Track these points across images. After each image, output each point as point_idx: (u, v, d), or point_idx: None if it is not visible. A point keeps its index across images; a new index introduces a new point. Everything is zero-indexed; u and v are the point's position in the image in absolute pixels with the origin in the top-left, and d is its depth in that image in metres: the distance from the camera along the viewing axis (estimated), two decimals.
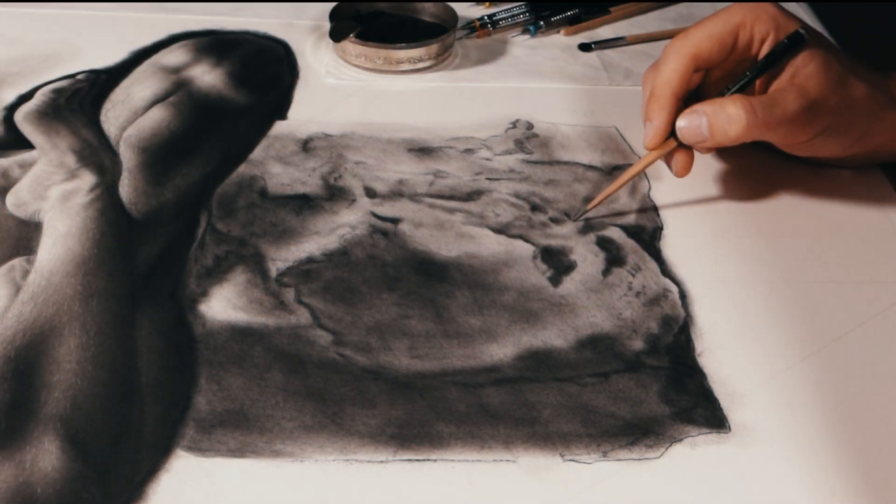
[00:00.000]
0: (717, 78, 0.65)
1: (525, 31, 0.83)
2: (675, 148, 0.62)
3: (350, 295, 0.57)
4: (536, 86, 0.77)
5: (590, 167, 0.68)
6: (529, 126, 0.72)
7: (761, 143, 0.65)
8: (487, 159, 0.68)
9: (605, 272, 0.60)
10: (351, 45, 0.76)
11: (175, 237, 0.60)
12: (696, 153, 0.64)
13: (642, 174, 0.67)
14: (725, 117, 0.60)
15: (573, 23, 0.84)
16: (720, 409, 0.52)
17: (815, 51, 0.61)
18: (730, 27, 0.62)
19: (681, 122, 0.61)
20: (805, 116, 0.60)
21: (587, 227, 0.63)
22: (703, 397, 0.52)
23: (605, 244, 0.62)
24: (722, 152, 0.70)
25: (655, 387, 0.53)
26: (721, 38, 0.62)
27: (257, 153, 0.67)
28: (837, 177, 0.68)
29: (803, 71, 0.61)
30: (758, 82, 0.63)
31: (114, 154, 0.66)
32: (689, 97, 0.64)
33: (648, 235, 0.63)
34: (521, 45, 0.82)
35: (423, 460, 0.49)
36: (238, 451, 0.49)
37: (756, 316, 0.57)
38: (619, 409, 0.52)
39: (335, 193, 0.64)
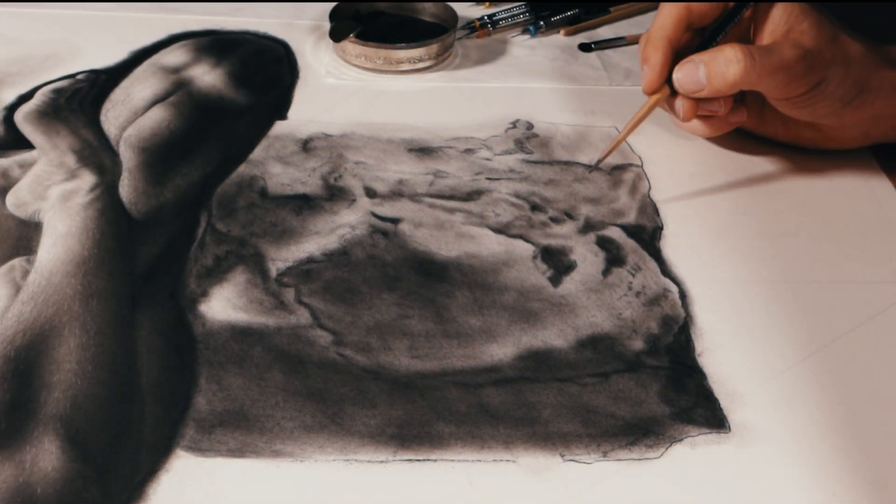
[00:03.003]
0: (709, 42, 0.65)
1: (525, 31, 0.83)
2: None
3: (350, 295, 0.57)
4: (536, 86, 0.77)
5: (590, 167, 0.68)
6: (529, 126, 0.72)
7: (763, 138, 0.65)
8: (487, 159, 0.68)
9: (605, 272, 0.60)
10: (351, 45, 0.76)
11: (175, 237, 0.60)
12: (700, 116, 0.64)
13: (643, 174, 0.67)
14: (723, 61, 0.60)
15: (573, 23, 0.84)
16: (720, 409, 0.52)
17: (808, 10, 0.62)
18: None
19: (677, 74, 0.62)
20: (801, 65, 0.61)
21: (587, 227, 0.63)
22: (703, 397, 0.52)
23: (605, 244, 0.62)
24: (722, 151, 0.70)
25: (655, 387, 0.53)
26: None
27: (257, 153, 0.68)
28: (838, 176, 0.68)
29: (798, 27, 0.62)
30: (754, 40, 0.64)
31: (114, 154, 0.66)
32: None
33: (648, 235, 0.63)
34: (521, 45, 0.82)
35: (423, 460, 0.49)
36: (238, 451, 0.49)
37: (756, 316, 0.57)
38: (619, 409, 0.52)
39: (335, 193, 0.64)
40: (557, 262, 0.60)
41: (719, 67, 0.60)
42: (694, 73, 0.61)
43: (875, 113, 0.65)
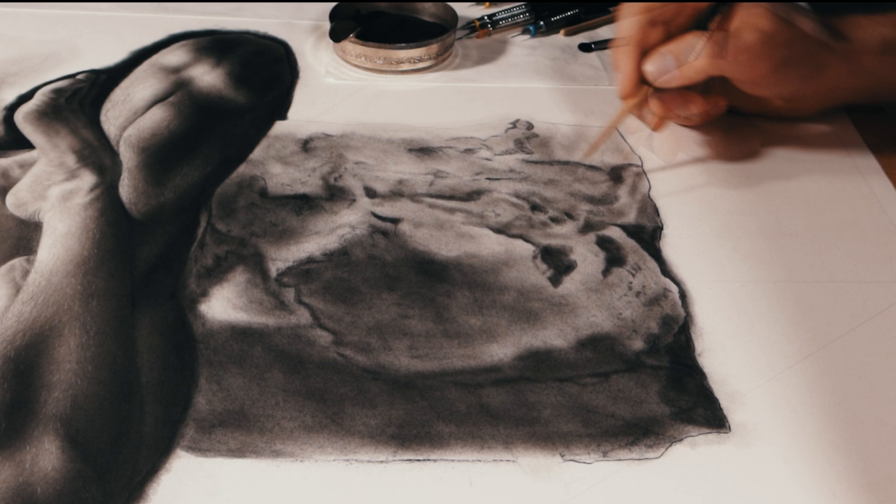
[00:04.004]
0: (674, 35, 0.67)
1: (525, 31, 0.83)
2: (648, 95, 0.66)
3: (350, 295, 0.57)
4: (536, 86, 0.77)
5: (590, 167, 0.68)
6: (529, 126, 0.72)
7: (744, 111, 0.69)
8: (487, 159, 0.68)
9: (605, 272, 0.60)
10: (351, 45, 0.76)
11: (175, 237, 0.60)
12: (680, 124, 0.68)
13: (643, 174, 0.67)
14: (689, 48, 0.64)
15: (573, 23, 0.84)
16: (720, 409, 0.52)
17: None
18: None
19: (648, 66, 0.65)
20: (761, 47, 0.64)
21: (587, 227, 0.63)
22: (703, 397, 0.52)
23: (605, 244, 0.62)
24: (723, 149, 0.70)
25: (655, 387, 0.53)
26: None
27: (257, 153, 0.68)
28: (838, 177, 0.68)
29: (752, 12, 0.65)
30: (713, 29, 0.66)
31: (114, 154, 0.66)
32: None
33: (648, 235, 0.63)
34: (521, 45, 0.82)
35: (423, 460, 0.49)
36: (238, 451, 0.49)
37: (756, 316, 0.57)
38: (619, 409, 0.52)
39: (335, 193, 0.64)
40: (557, 262, 0.60)
41: (686, 55, 0.64)
42: (662, 63, 0.64)
43: (832, 84, 0.68)
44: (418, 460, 0.49)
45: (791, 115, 0.71)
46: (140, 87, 0.72)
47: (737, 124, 0.71)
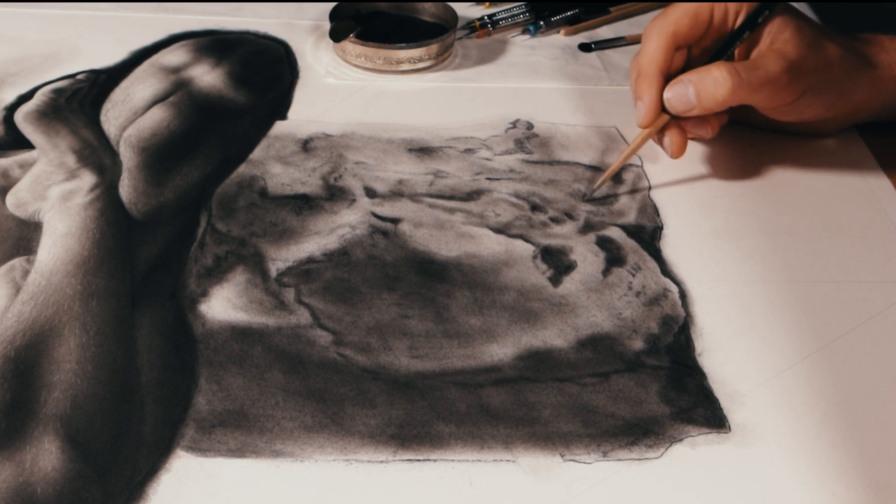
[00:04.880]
0: (697, 56, 0.67)
1: (525, 31, 0.83)
2: (667, 123, 0.65)
3: (350, 295, 0.57)
4: (536, 86, 0.77)
5: (590, 167, 0.68)
6: (529, 126, 0.72)
7: (762, 127, 0.68)
8: (487, 159, 0.68)
9: (605, 272, 0.60)
10: (351, 45, 0.76)
11: (175, 237, 0.60)
12: (689, 139, 0.66)
13: (643, 175, 0.67)
14: (711, 81, 0.62)
15: (573, 23, 0.84)
16: (720, 409, 0.52)
17: (788, 18, 0.64)
18: (705, 2, 0.65)
19: (668, 94, 0.64)
20: (786, 77, 0.63)
21: (587, 227, 0.63)
22: (703, 397, 0.52)
23: (605, 244, 0.62)
24: (723, 149, 0.70)
25: (655, 387, 0.53)
26: (697, 12, 0.65)
27: (257, 153, 0.68)
28: (838, 177, 0.68)
29: (780, 37, 0.64)
30: (738, 53, 0.66)
31: (114, 154, 0.66)
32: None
33: (648, 235, 0.63)
34: (521, 45, 0.82)
35: (423, 460, 0.49)
36: (238, 451, 0.49)
37: (756, 316, 0.57)
38: (619, 409, 0.52)
39: (335, 193, 0.64)
40: (557, 262, 0.60)
41: (708, 87, 0.62)
42: (684, 94, 0.63)
43: (854, 108, 0.67)
44: (418, 460, 0.49)
45: (810, 134, 0.70)
46: (140, 87, 0.72)
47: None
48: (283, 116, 0.71)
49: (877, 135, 0.71)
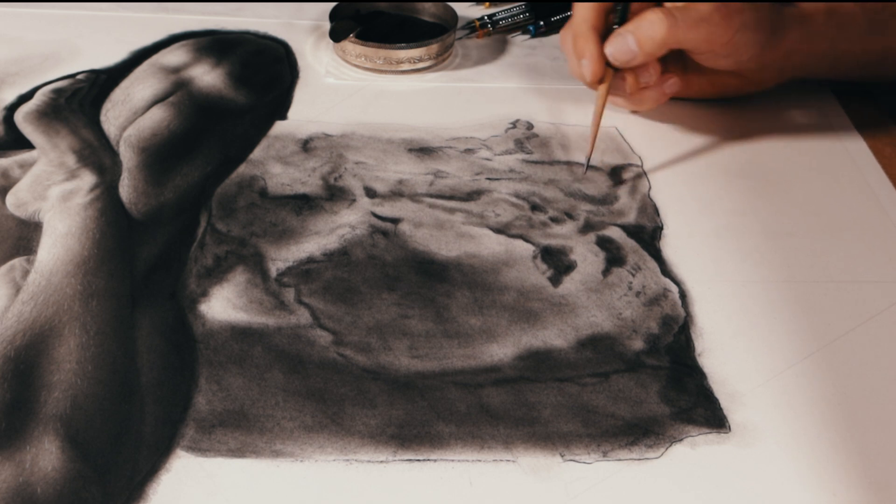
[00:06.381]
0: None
1: (525, 31, 0.83)
2: (615, 75, 0.67)
3: (350, 295, 0.57)
4: (536, 86, 0.77)
5: (590, 167, 0.68)
6: (529, 126, 0.72)
7: (706, 98, 0.72)
8: (487, 159, 0.68)
9: (605, 272, 0.60)
10: (351, 45, 0.76)
11: (175, 237, 0.60)
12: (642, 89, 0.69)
13: (643, 174, 0.67)
14: (647, 24, 0.65)
15: None
16: (720, 409, 0.52)
17: None
18: None
19: (609, 49, 0.66)
20: (717, 15, 0.65)
21: (587, 227, 0.63)
22: (703, 397, 0.52)
23: (605, 244, 0.62)
24: (722, 151, 0.70)
25: (655, 387, 0.53)
26: None
27: (257, 153, 0.68)
28: (839, 177, 0.68)
29: None
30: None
31: (114, 154, 0.66)
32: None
33: (648, 235, 0.63)
34: (521, 45, 0.82)
35: (423, 460, 0.49)
36: (238, 451, 0.49)
37: (756, 316, 0.57)
38: (619, 409, 0.52)
39: (335, 193, 0.64)
40: (557, 262, 0.60)
41: (645, 31, 0.65)
42: (624, 44, 0.66)
43: (787, 49, 0.70)
44: (418, 460, 0.49)
45: (751, 90, 0.73)
46: (140, 87, 0.73)
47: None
48: (283, 116, 0.71)
49: (877, 135, 0.71)
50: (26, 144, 0.67)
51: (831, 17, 0.70)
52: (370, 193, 0.65)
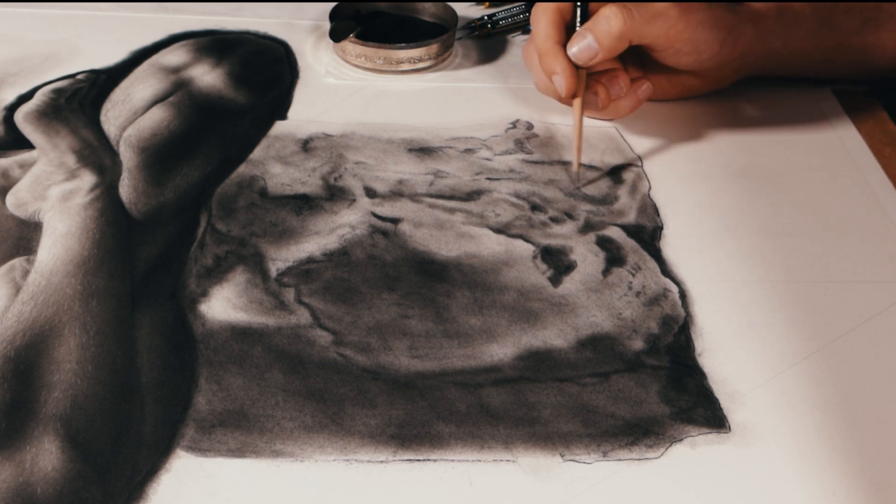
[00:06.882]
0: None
1: (525, 31, 0.83)
2: (587, 82, 0.68)
3: (350, 295, 0.57)
4: None
5: (590, 167, 0.68)
6: (529, 126, 0.72)
7: (671, 98, 0.72)
8: (487, 159, 0.68)
9: (605, 272, 0.60)
10: (351, 45, 0.76)
11: (175, 237, 0.60)
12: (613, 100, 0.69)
13: (643, 174, 0.67)
14: (604, 20, 0.66)
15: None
16: (720, 409, 0.52)
17: None
18: None
19: (572, 51, 0.67)
20: (674, 10, 0.67)
21: (587, 227, 0.63)
22: (703, 397, 0.52)
23: (605, 244, 0.62)
24: (721, 151, 0.70)
25: (655, 387, 0.53)
26: None
27: (257, 153, 0.68)
28: (838, 177, 0.68)
29: None
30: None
31: (114, 154, 0.66)
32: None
33: (648, 235, 0.63)
34: (521, 46, 0.82)
35: (423, 460, 0.49)
36: (238, 451, 0.49)
37: (756, 316, 0.57)
38: (619, 409, 0.52)
39: (335, 193, 0.64)
40: (557, 262, 0.60)
41: (602, 27, 0.66)
42: (585, 44, 0.66)
43: (743, 48, 0.70)
44: (418, 460, 0.49)
45: (709, 89, 0.74)
46: (140, 87, 0.73)
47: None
48: (283, 116, 0.71)
49: (877, 135, 0.71)
50: (26, 144, 0.67)
51: (782, 16, 0.71)
52: (370, 193, 0.65)
